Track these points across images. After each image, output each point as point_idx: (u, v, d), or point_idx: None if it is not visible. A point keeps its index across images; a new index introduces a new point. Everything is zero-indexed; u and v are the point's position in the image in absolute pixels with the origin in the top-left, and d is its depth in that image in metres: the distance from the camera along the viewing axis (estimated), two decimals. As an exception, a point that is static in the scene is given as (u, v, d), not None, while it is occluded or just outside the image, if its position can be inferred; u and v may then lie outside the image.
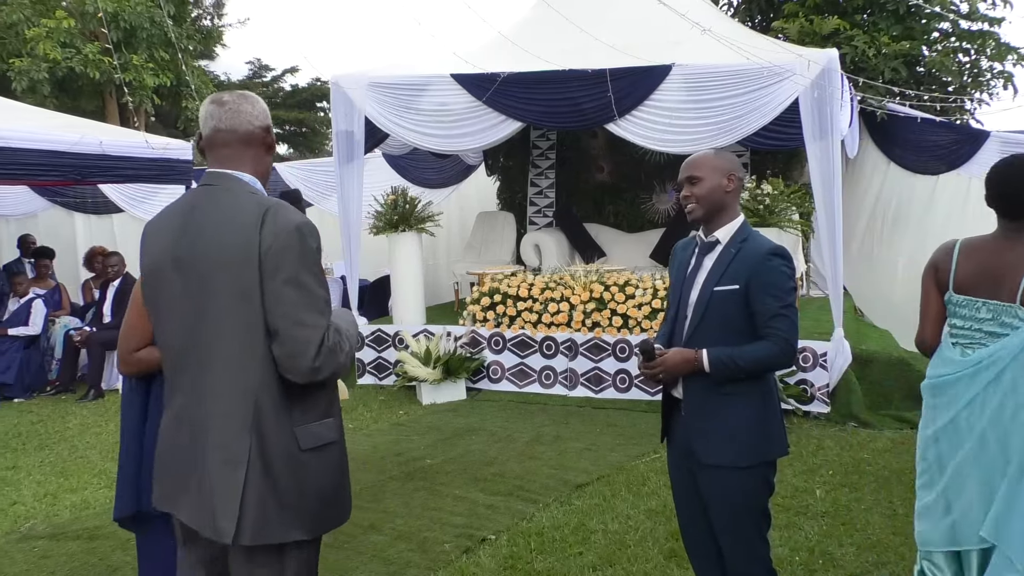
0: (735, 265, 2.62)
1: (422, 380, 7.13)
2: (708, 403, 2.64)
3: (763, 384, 2.67)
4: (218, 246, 1.99)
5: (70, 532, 4.45)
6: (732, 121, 6.50)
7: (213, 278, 1.98)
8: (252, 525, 1.97)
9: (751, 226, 2.75)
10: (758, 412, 2.65)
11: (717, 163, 2.68)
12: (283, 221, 1.96)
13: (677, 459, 2.81)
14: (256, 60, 26.39)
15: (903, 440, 5.77)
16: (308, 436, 2.02)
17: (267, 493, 1.97)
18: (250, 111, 2.12)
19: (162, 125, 19.34)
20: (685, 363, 2.61)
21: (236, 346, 1.99)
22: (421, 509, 4.61)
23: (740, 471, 2.61)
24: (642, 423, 6.32)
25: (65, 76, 14.95)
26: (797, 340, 2.63)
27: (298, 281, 1.95)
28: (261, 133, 2.14)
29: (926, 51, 10.85)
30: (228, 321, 1.99)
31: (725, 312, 2.61)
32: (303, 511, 2.01)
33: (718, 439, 2.61)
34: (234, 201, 2.03)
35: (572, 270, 7.68)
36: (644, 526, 4.29)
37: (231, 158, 2.10)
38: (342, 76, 7.52)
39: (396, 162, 10.39)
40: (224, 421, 2.01)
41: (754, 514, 2.67)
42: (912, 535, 4.10)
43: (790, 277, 2.62)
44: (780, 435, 2.70)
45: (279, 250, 1.94)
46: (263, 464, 1.97)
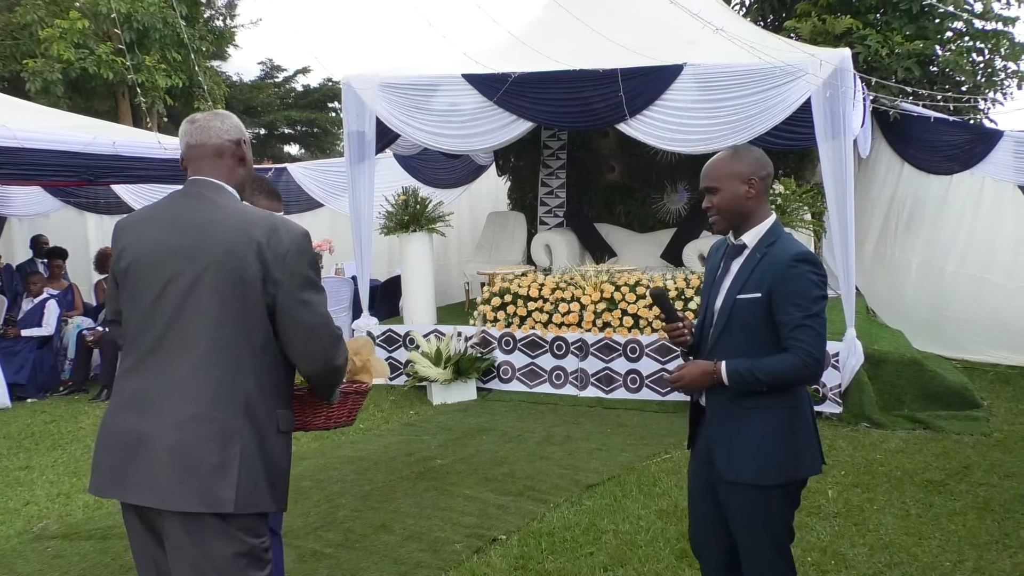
0: (759, 272, 2.49)
1: (433, 380, 7.14)
2: (730, 417, 2.54)
3: (792, 398, 2.53)
4: (220, 240, 2.14)
5: (83, 532, 4.47)
6: (744, 121, 6.48)
7: (212, 269, 2.12)
8: (246, 495, 2.12)
9: (783, 230, 2.62)
10: (784, 428, 2.51)
11: (735, 169, 2.55)
12: (294, 228, 2.20)
13: (698, 467, 2.72)
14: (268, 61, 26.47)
15: (916, 440, 5.75)
16: (283, 420, 2.23)
17: (258, 467, 2.14)
18: (219, 126, 2.29)
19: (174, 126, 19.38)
20: (704, 376, 2.52)
21: (226, 333, 2.13)
22: (432, 509, 4.61)
23: (761, 489, 2.49)
24: (653, 423, 6.31)
25: (78, 77, 15.03)
26: (822, 352, 2.47)
27: (311, 281, 2.21)
28: (231, 146, 2.29)
29: (939, 50, 10.78)
30: (218, 309, 2.13)
31: (748, 321, 2.50)
32: (278, 485, 2.21)
33: (739, 454, 2.51)
34: (226, 203, 2.23)
35: (583, 270, 7.68)
36: (655, 526, 4.29)
37: (203, 169, 2.28)
38: (353, 76, 7.54)
39: (407, 162, 10.41)
40: (204, 403, 2.11)
41: (776, 532, 2.56)
42: (926, 536, 4.10)
43: (817, 284, 2.46)
44: (810, 453, 2.55)
45: (296, 254, 2.16)
46: (256, 441, 2.14)
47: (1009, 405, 6.70)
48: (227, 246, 2.12)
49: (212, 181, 2.25)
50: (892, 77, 9.58)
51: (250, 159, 2.35)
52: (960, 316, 8.41)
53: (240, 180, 2.31)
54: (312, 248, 2.23)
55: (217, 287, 2.11)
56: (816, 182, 8.48)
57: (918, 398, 6.42)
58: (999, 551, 3.96)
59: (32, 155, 6.69)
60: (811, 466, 2.56)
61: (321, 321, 2.20)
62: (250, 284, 2.11)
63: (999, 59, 10.93)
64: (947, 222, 8.64)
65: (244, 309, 2.12)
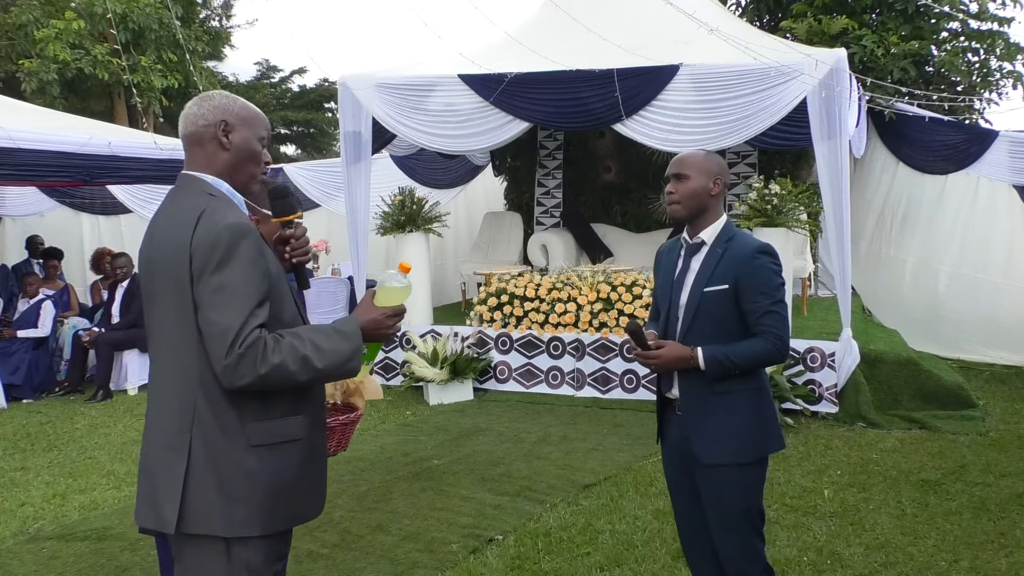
0: (723, 265, 2.65)
1: (429, 380, 7.14)
2: (704, 402, 2.67)
3: (756, 380, 2.70)
4: (162, 245, 2.05)
5: (79, 533, 4.46)
6: (740, 121, 6.49)
7: (159, 277, 2.04)
8: (195, 515, 2.00)
9: (736, 227, 2.78)
10: (754, 408, 2.68)
11: (706, 165, 2.71)
12: (212, 221, 1.97)
13: (673, 460, 2.83)
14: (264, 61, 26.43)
15: (911, 440, 5.76)
16: (261, 432, 2.03)
17: (210, 484, 2.00)
18: (195, 112, 2.13)
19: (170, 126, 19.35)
20: (681, 360, 2.64)
21: (177, 343, 2.03)
22: (428, 509, 4.61)
23: (740, 468, 2.64)
24: (649, 423, 6.29)
25: (74, 77, 15.03)
26: (789, 335, 2.68)
27: (218, 280, 1.94)
28: (209, 131, 2.11)
29: (935, 51, 10.79)
30: (170, 319, 2.03)
31: (716, 312, 2.65)
32: (252, 505, 2.01)
33: (717, 437, 2.64)
34: (183, 201, 2.07)
35: (579, 270, 7.68)
36: (652, 526, 4.29)
37: (189, 161, 2.15)
38: (350, 77, 7.53)
39: (403, 163, 10.40)
40: (168, 416, 2.06)
41: (751, 511, 2.69)
42: (922, 535, 4.10)
43: (777, 274, 2.66)
44: (776, 430, 2.74)
45: (205, 249, 1.95)
46: (205, 455, 2.00)
47: (1005, 405, 6.71)
48: (169, 249, 2.01)
49: (188, 174, 2.13)
50: (888, 77, 9.60)
51: (239, 141, 2.13)
52: (956, 316, 8.43)
53: (223, 166, 2.12)
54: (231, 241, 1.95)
55: (167, 295, 2.01)
56: (812, 182, 8.49)
57: (914, 398, 6.43)
58: (995, 550, 3.96)
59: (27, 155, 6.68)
60: (778, 442, 2.73)
61: (215, 329, 1.92)
62: (185, 287, 1.97)
63: (994, 59, 10.93)
64: (942, 222, 8.66)
65: (184, 321, 1.98)
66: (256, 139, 2.17)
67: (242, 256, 1.96)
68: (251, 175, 2.18)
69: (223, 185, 2.13)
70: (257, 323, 1.94)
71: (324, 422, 2.26)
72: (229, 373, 1.91)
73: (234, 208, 2.08)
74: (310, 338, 2.01)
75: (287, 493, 2.08)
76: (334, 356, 2.03)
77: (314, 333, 2.04)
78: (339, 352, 2.04)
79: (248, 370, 1.91)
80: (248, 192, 2.21)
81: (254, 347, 1.91)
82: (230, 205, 2.08)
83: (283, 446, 2.07)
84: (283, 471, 2.07)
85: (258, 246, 2.00)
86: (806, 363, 6.43)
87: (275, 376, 1.94)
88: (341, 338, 2.06)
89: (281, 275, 2.12)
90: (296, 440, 2.09)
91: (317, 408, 2.19)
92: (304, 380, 1.99)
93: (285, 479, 2.07)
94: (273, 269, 2.06)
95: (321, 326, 2.09)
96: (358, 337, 2.10)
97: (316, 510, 2.20)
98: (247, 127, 2.15)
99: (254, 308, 1.95)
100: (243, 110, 2.16)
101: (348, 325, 2.11)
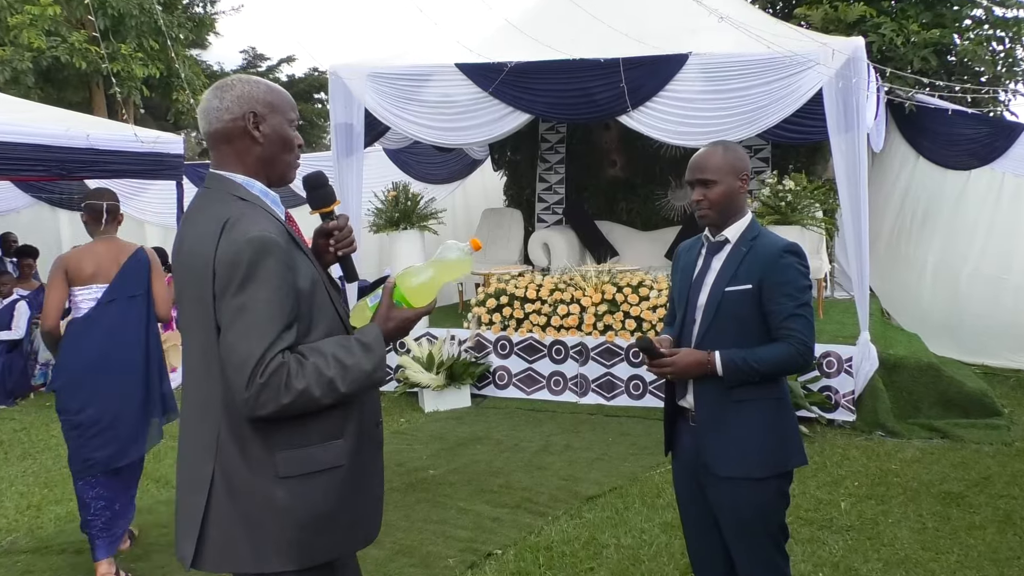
0: (746, 264, 2.63)
1: (424, 386, 7.14)
2: (721, 411, 2.64)
3: (777, 389, 2.67)
4: (187, 255, 1.99)
5: (54, 546, 4.46)
6: (752, 113, 6.49)
7: (187, 290, 1.98)
8: (216, 551, 1.96)
9: (760, 224, 2.75)
10: (773, 419, 2.65)
11: (730, 163, 2.67)
12: (235, 233, 1.89)
13: (684, 472, 2.81)
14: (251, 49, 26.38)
15: (933, 450, 5.76)
16: (293, 462, 1.95)
17: (233, 520, 1.95)
18: (218, 106, 2.04)
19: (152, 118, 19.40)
20: (697, 365, 2.60)
21: (201, 364, 1.98)
22: (423, 522, 4.61)
23: (756, 483, 2.61)
24: (656, 432, 6.27)
25: (50, 66, 15.00)
26: (814, 341, 2.64)
27: (239, 302, 1.86)
28: (237, 126, 2.03)
29: (957, 39, 10.80)
30: (196, 338, 1.99)
31: (737, 314, 2.62)
32: (282, 540, 1.95)
33: (732, 449, 2.61)
34: (210, 207, 2.00)
35: (583, 270, 7.68)
36: (659, 540, 4.29)
37: (217, 160, 2.08)
38: (341, 66, 7.53)
39: (397, 156, 10.40)
40: (191, 444, 2.03)
41: (771, 528, 2.66)
42: (944, 551, 4.10)
43: (804, 275, 2.63)
44: (797, 443, 2.70)
45: (226, 267, 1.87)
46: (227, 489, 1.95)
47: (1031, 412, 6.72)
48: (195, 261, 1.93)
49: (217, 175, 2.05)
50: (907, 67, 9.60)
51: (271, 131, 2.05)
52: (979, 319, 8.42)
53: (257, 161, 2.05)
54: (253, 259, 1.86)
55: (195, 311, 1.96)
56: (828, 178, 8.50)
57: (935, 405, 6.43)
58: (1021, 567, 3.97)
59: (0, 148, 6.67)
60: (798, 457, 2.70)
61: (234, 356, 1.85)
62: (209, 306, 1.90)
63: (1020, 48, 10.95)
64: (965, 220, 8.65)
65: (208, 336, 1.91)
66: (287, 123, 2.10)
67: (266, 275, 1.87)
68: (287, 164, 2.13)
69: (255, 186, 2.06)
70: (281, 347, 1.87)
71: (375, 441, 2.16)
72: (250, 404, 1.85)
73: (263, 215, 1.99)
74: (334, 354, 1.93)
75: (324, 525, 1.99)
76: (357, 373, 1.96)
77: (337, 348, 1.96)
78: (361, 368, 1.97)
79: (270, 400, 1.85)
80: (287, 181, 2.15)
81: (277, 374, 1.85)
82: (260, 211, 2.00)
83: (318, 476, 1.98)
84: (318, 503, 1.98)
85: (284, 262, 1.91)
86: (822, 368, 6.43)
87: (299, 404, 1.88)
88: (364, 351, 1.98)
89: (317, 285, 2.03)
90: (334, 468, 2.00)
91: (364, 427, 2.10)
92: (328, 404, 1.93)
93: (320, 511, 1.98)
94: (304, 284, 1.97)
95: (343, 338, 2.02)
96: (381, 346, 2.03)
97: (362, 541, 2.13)
98: (276, 113, 2.07)
99: (280, 332, 1.88)
100: (268, 94, 2.07)
101: (370, 334, 2.03)
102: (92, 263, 4.16)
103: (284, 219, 2.08)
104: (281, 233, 1.96)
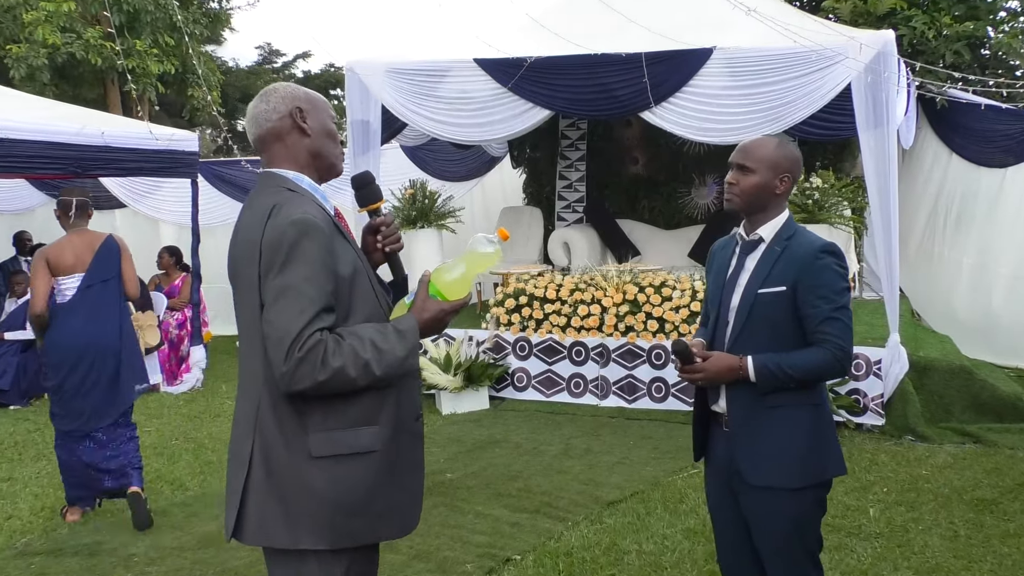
0: (781, 265, 2.56)
1: (442, 388, 7.15)
2: (755, 417, 2.59)
3: (815, 395, 2.61)
4: (239, 244, 2.13)
5: (68, 548, 4.51)
6: (778, 109, 6.46)
7: (239, 278, 2.13)
8: (254, 525, 2.10)
9: (799, 224, 2.69)
10: (810, 427, 2.59)
11: (775, 158, 2.61)
12: (280, 216, 2.03)
13: (717, 478, 2.76)
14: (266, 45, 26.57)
15: (965, 455, 5.71)
16: (326, 443, 2.07)
17: (270, 496, 2.08)
18: (264, 109, 2.21)
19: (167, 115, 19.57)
20: (729, 371, 2.55)
21: (249, 346, 2.14)
22: (440, 527, 4.62)
23: (791, 492, 2.56)
24: (679, 435, 6.29)
25: (65, 63, 15.15)
26: (852, 346, 2.57)
27: (281, 281, 2.00)
28: (286, 123, 2.21)
29: (991, 32, 10.70)
30: (244, 321, 2.14)
31: (770, 316, 2.56)
32: (317, 519, 2.07)
33: (768, 458, 2.56)
34: (260, 199, 2.15)
35: (604, 270, 7.66)
36: (682, 547, 4.28)
37: (268, 159, 2.25)
38: (357, 62, 7.56)
39: (414, 153, 10.43)
40: (238, 422, 2.18)
41: (807, 539, 2.62)
42: (976, 559, 4.06)
43: (842, 276, 2.55)
44: (835, 452, 2.63)
45: (270, 247, 2.01)
46: (266, 466, 2.09)
47: (1067, 417, 6.63)
48: (245, 248, 2.09)
49: (268, 172, 2.23)
50: (940, 61, 9.52)
51: (316, 124, 2.23)
52: (1013, 320, 8.33)
53: (306, 155, 2.23)
54: (295, 239, 2.00)
55: (245, 297, 2.10)
56: (856, 175, 8.43)
57: (968, 409, 6.37)
58: (1056, 576, 3.92)
59: (15, 146, 6.75)
60: (837, 466, 2.64)
61: (274, 332, 1.98)
62: (255, 287, 2.05)
63: (1057, 41, 10.83)
64: (1001, 219, 8.54)
65: (255, 316, 2.06)
66: (329, 119, 2.28)
67: (306, 254, 2.00)
68: (334, 155, 2.29)
69: (304, 180, 2.21)
70: (320, 326, 1.99)
71: (414, 433, 2.27)
72: (288, 378, 1.97)
73: (310, 202, 2.13)
74: (371, 339, 2.05)
75: (359, 509, 2.11)
76: (392, 358, 2.07)
77: (374, 333, 2.07)
78: (395, 354, 2.08)
79: (307, 375, 1.96)
80: (336, 172, 2.31)
81: (314, 351, 1.96)
82: (307, 199, 2.15)
83: (351, 459, 2.10)
84: (351, 486, 2.10)
85: (324, 245, 2.03)
86: (849, 371, 6.38)
87: (335, 382, 1.99)
88: (398, 338, 2.10)
89: (359, 273, 2.15)
90: (368, 453, 2.12)
91: (402, 418, 2.21)
92: (364, 385, 2.04)
93: (355, 495, 2.10)
94: (345, 270, 2.09)
95: (380, 325, 2.14)
96: (415, 335, 2.14)
97: (398, 530, 2.25)
98: (318, 109, 2.26)
99: (319, 311, 1.99)
100: (308, 94, 2.27)
101: (406, 323, 2.15)
102: (71, 254, 4.93)
103: (333, 213, 2.21)
104: (325, 220, 2.10)
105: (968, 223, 8.88)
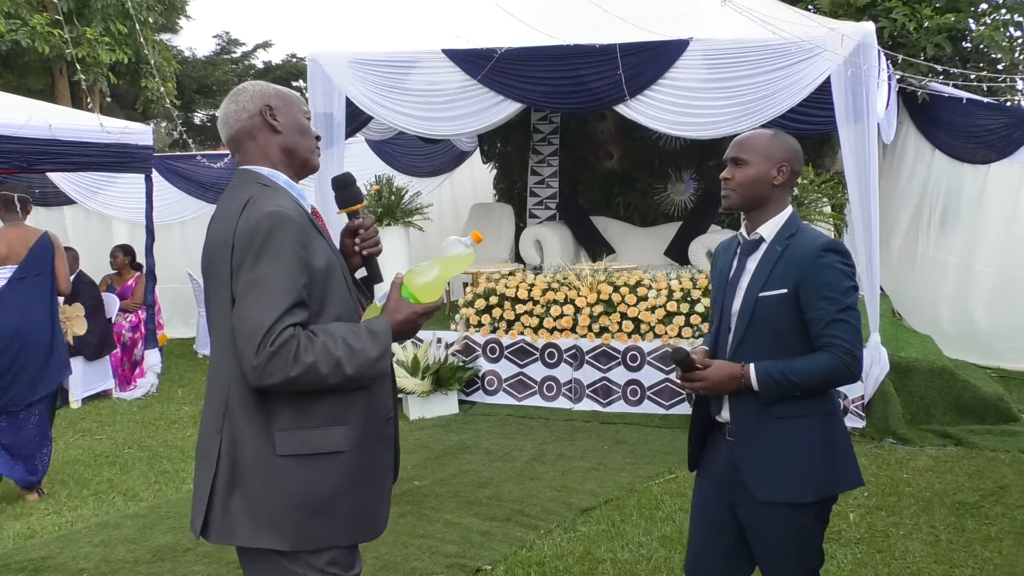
0: (782, 265, 2.52)
1: (409, 392, 7.13)
2: (760, 428, 2.53)
3: (825, 403, 2.57)
4: (211, 242, 2.18)
5: (13, 564, 4.44)
6: (756, 102, 6.51)
7: (210, 274, 2.17)
8: (220, 524, 2.13)
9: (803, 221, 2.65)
10: (820, 438, 2.54)
11: (771, 149, 2.58)
12: (253, 209, 2.08)
13: (714, 489, 2.69)
14: (224, 34, 26.38)
15: (946, 458, 5.79)
16: (292, 441, 2.10)
17: (234, 493, 2.12)
18: (234, 110, 2.28)
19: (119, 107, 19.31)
20: (731, 379, 2.50)
21: (217, 341, 2.19)
22: (408, 536, 4.61)
23: (797, 508, 2.52)
24: (655, 440, 6.33)
25: (9, 51, 14.91)
26: (861, 350, 2.51)
27: (254, 274, 2.04)
28: (256, 121, 2.27)
29: (973, 25, 10.83)
30: (217, 317, 2.17)
31: (773, 321, 2.52)
32: (278, 519, 2.10)
33: (775, 471, 2.51)
34: (235, 194, 2.21)
35: (577, 269, 7.68)
36: (658, 555, 4.30)
37: (242, 158, 2.31)
38: (320, 52, 7.52)
39: (381, 148, 10.39)
40: (206, 419, 2.22)
41: (810, 555, 2.60)
42: (958, 564, 4.12)
43: (847, 275, 2.50)
44: (849, 464, 2.59)
45: (243, 240, 2.05)
46: (233, 463, 2.12)
47: (1050, 419, 6.75)
48: (217, 242, 2.13)
49: (243, 169, 2.29)
50: (921, 54, 9.64)
51: (287, 120, 2.29)
52: (995, 321, 8.46)
53: (279, 151, 2.29)
54: (268, 231, 2.03)
55: (216, 292, 2.15)
56: (836, 171, 8.52)
57: (949, 411, 6.45)
58: (1038, 581, 3.99)
59: (-43, 139, 6.66)
60: (850, 478, 2.60)
61: (245, 325, 2.01)
62: (227, 282, 2.09)
63: (1040, 34, 11.00)
64: (983, 217, 8.66)
65: (226, 311, 2.10)
66: (301, 114, 2.34)
67: (279, 247, 2.04)
68: (308, 149, 2.35)
69: (279, 177, 2.28)
70: (292, 321, 2.02)
71: (383, 435, 2.29)
72: (258, 372, 2.00)
73: (285, 196, 2.20)
74: (343, 337, 2.09)
75: (321, 510, 2.13)
76: (363, 358, 2.10)
77: (347, 332, 2.11)
78: (367, 354, 2.11)
79: (278, 370, 2.00)
80: (311, 168, 2.37)
81: (287, 346, 2.00)
82: (283, 193, 2.21)
83: (317, 459, 2.13)
84: (315, 486, 2.12)
85: (298, 238, 2.07)
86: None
87: (306, 378, 2.02)
88: (371, 338, 2.14)
89: (334, 269, 2.19)
90: (336, 454, 2.14)
91: (371, 419, 2.23)
92: (333, 384, 2.07)
93: (317, 495, 2.12)
94: (319, 263, 2.13)
95: (353, 324, 2.18)
96: (388, 337, 2.18)
97: (364, 534, 2.26)
98: (289, 105, 2.31)
99: (292, 306, 2.03)
100: (279, 91, 2.33)
101: (379, 324, 2.19)
102: (5, 246, 5.42)
103: (310, 211, 2.26)
104: (300, 214, 2.14)
105: (953, 221, 8.97)
